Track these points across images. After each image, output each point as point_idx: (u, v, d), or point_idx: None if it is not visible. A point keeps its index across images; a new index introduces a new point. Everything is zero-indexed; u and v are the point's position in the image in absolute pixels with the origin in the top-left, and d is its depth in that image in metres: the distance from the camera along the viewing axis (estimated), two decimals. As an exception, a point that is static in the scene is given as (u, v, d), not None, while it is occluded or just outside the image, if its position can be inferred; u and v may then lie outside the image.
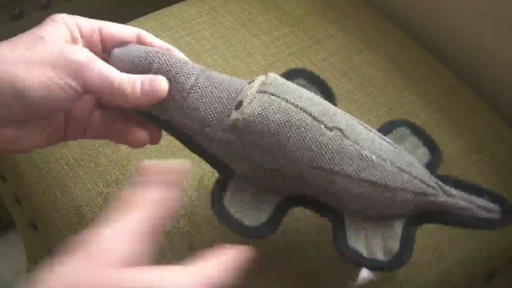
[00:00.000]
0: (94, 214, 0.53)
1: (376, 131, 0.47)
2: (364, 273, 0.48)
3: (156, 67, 0.44)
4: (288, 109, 0.43)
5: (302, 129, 0.43)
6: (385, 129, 0.50)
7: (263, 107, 0.43)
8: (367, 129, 0.46)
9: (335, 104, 0.48)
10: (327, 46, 0.65)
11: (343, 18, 0.68)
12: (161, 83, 0.44)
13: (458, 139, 0.59)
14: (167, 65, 0.44)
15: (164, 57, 0.45)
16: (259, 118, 0.43)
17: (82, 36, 0.44)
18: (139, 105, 0.44)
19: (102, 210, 0.53)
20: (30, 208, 0.59)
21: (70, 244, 0.32)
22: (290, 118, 0.43)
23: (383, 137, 0.47)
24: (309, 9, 0.69)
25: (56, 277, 0.31)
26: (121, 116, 0.47)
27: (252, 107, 0.43)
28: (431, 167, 0.48)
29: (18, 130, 0.43)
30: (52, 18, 0.44)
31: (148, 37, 0.47)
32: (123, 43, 0.46)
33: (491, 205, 0.45)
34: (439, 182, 0.46)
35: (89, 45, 0.45)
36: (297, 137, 0.43)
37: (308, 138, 0.43)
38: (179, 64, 0.45)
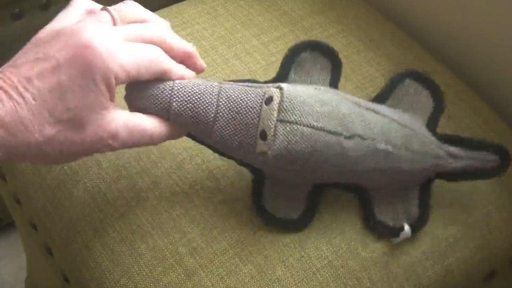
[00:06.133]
0: (94, 214, 0.53)
1: (383, 112, 0.51)
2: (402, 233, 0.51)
3: (175, 105, 0.46)
4: (310, 135, 0.46)
5: (326, 148, 0.47)
6: (390, 87, 0.55)
7: (288, 140, 0.46)
8: (376, 114, 0.50)
9: (341, 67, 0.54)
10: (327, 46, 0.65)
11: (343, 18, 0.68)
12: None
13: (457, 139, 0.59)
14: (186, 101, 0.47)
15: (181, 92, 0.47)
16: (286, 151, 0.46)
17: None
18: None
19: (102, 210, 0.53)
20: (30, 208, 0.59)
21: None
22: (313, 143, 0.46)
23: (394, 118, 0.51)
24: (309, 9, 0.69)
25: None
26: None
27: (277, 142, 0.46)
28: (435, 113, 0.54)
29: None
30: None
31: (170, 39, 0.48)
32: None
33: (490, 156, 0.51)
34: (446, 148, 0.51)
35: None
36: (322, 157, 0.47)
37: (332, 155, 0.47)
38: (196, 95, 0.47)
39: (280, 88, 0.47)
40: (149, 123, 0.46)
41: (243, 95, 0.47)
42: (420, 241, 0.53)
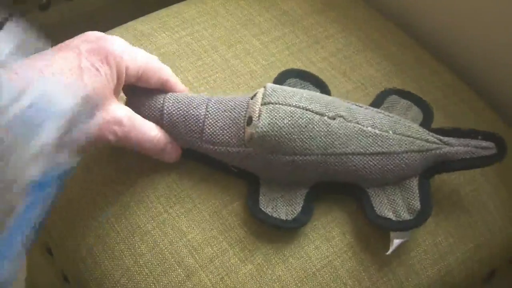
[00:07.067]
0: (93, 213, 0.53)
1: (370, 107, 0.53)
2: (396, 240, 0.50)
3: (167, 106, 0.51)
4: (293, 112, 0.49)
5: (310, 125, 0.48)
6: (377, 101, 0.57)
7: (271, 117, 0.48)
8: (363, 108, 0.52)
9: (329, 93, 0.57)
10: (326, 46, 0.65)
11: (343, 18, 0.68)
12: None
13: (457, 139, 0.59)
14: (178, 102, 0.51)
15: (173, 96, 0.51)
16: (271, 127, 0.48)
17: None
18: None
19: (101, 210, 0.53)
20: (30, 208, 0.59)
21: None
22: (296, 119, 0.48)
23: (379, 110, 0.53)
24: (309, 9, 0.69)
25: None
26: None
27: (262, 120, 0.48)
28: (426, 122, 0.54)
29: None
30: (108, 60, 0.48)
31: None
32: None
33: (486, 143, 0.51)
34: (438, 136, 0.51)
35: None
36: (307, 133, 0.48)
37: (316, 131, 0.48)
38: (187, 99, 0.51)
39: (265, 86, 0.51)
40: (149, 123, 0.50)
41: (231, 98, 0.52)
42: (420, 240, 0.53)
